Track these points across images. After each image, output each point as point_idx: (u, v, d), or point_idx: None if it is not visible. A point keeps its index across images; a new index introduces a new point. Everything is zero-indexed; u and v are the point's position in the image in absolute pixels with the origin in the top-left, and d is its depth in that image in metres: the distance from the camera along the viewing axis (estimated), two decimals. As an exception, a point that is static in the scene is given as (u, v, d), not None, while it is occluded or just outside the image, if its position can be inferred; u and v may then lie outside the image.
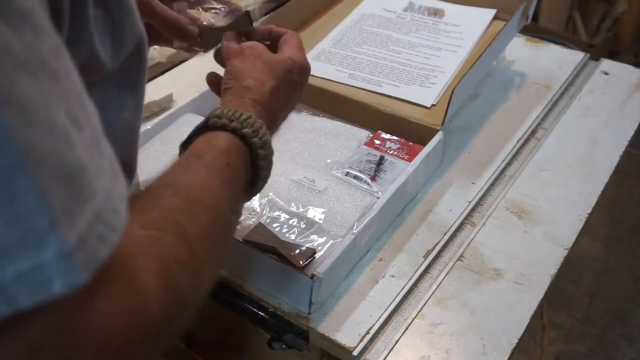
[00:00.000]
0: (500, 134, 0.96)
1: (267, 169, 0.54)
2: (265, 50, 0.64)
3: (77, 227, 0.29)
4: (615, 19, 2.48)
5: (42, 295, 0.28)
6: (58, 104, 0.30)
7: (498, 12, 1.09)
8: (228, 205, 0.48)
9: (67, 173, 0.29)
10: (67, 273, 0.29)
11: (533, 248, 0.79)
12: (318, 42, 1.06)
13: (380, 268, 0.76)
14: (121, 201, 0.33)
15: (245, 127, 0.52)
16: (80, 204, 0.30)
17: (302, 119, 0.94)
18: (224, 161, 0.49)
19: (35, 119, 0.28)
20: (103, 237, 0.31)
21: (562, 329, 1.77)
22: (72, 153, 0.30)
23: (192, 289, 0.40)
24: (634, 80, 1.10)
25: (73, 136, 0.30)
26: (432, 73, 0.99)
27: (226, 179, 0.49)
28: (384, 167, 0.85)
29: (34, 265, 0.28)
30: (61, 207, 0.29)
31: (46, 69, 0.30)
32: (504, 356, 0.68)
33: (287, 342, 0.71)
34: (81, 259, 0.29)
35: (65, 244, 0.28)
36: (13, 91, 0.27)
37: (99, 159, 0.32)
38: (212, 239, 0.44)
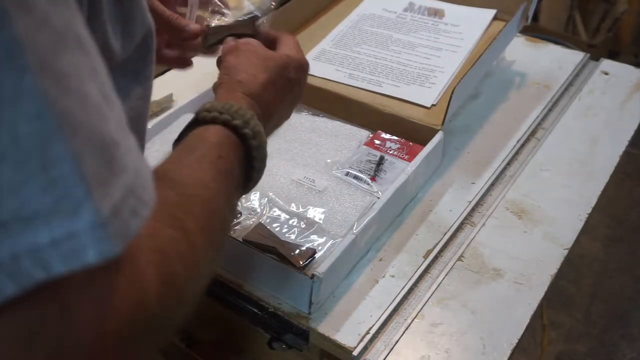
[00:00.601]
0: (500, 134, 0.96)
1: (261, 160, 0.53)
2: (261, 46, 0.64)
3: (111, 198, 0.29)
4: (615, 19, 2.47)
5: (76, 263, 0.28)
6: (91, 78, 0.30)
7: (498, 12, 1.09)
8: (223, 199, 0.47)
9: (101, 144, 0.29)
10: (101, 242, 0.29)
11: (533, 248, 0.79)
12: (318, 42, 1.06)
13: (380, 268, 0.76)
14: (149, 178, 0.33)
15: (236, 118, 0.51)
16: (114, 176, 0.30)
17: (302, 119, 0.94)
18: (215, 154, 0.48)
19: (71, 89, 0.28)
20: (135, 211, 0.31)
21: (562, 329, 1.77)
22: (105, 126, 0.30)
23: (191, 283, 0.40)
24: (634, 80, 1.10)
25: (105, 110, 0.31)
26: (432, 73, 0.99)
27: (219, 171, 0.48)
28: (384, 167, 0.85)
29: (69, 232, 0.28)
30: (96, 177, 0.29)
31: (80, 45, 0.30)
32: (504, 356, 0.68)
33: (287, 342, 0.71)
34: (114, 230, 0.29)
35: (99, 213, 0.29)
36: (50, 60, 0.28)
37: (128, 138, 0.33)
38: (209, 233, 0.44)
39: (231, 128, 0.51)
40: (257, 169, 0.53)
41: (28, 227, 0.28)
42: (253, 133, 0.51)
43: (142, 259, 0.35)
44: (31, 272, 0.28)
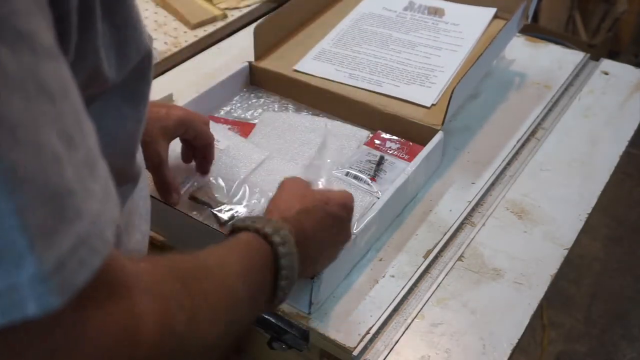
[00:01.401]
0: (500, 134, 0.96)
1: (289, 269, 0.53)
2: (305, 182, 0.67)
3: (56, 249, 0.29)
4: (615, 19, 2.47)
5: (16, 315, 0.28)
6: (50, 125, 0.30)
7: (498, 11, 1.09)
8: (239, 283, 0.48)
9: (51, 195, 0.29)
10: (42, 296, 0.28)
11: (533, 248, 0.79)
12: (318, 42, 1.06)
13: (380, 268, 0.76)
14: (109, 225, 0.33)
15: (267, 226, 0.53)
16: (63, 227, 0.29)
17: (302, 119, 0.94)
18: (243, 250, 0.51)
19: (22, 140, 0.28)
20: (84, 261, 0.30)
21: (562, 329, 1.77)
22: (59, 175, 0.30)
23: (191, 334, 0.40)
24: (634, 80, 1.10)
25: (63, 158, 0.30)
26: (432, 73, 0.99)
27: (243, 265, 0.50)
28: (384, 167, 0.85)
29: (9, 285, 0.28)
30: (41, 229, 0.28)
31: (42, 90, 0.30)
32: (504, 356, 0.68)
33: (287, 342, 0.71)
34: (58, 282, 0.29)
35: (42, 266, 0.28)
36: (1, 111, 0.27)
37: (91, 181, 0.32)
38: (216, 306, 0.44)
39: (262, 236, 0.53)
40: (284, 277, 0.53)
41: None
42: (282, 239, 0.53)
43: (141, 292, 0.35)
44: None
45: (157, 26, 1.23)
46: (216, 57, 1.13)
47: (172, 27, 1.23)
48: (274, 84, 1.00)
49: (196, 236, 0.73)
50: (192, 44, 1.18)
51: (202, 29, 1.22)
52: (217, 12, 1.26)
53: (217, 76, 1.00)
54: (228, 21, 1.25)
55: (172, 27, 1.23)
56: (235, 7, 1.29)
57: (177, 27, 1.23)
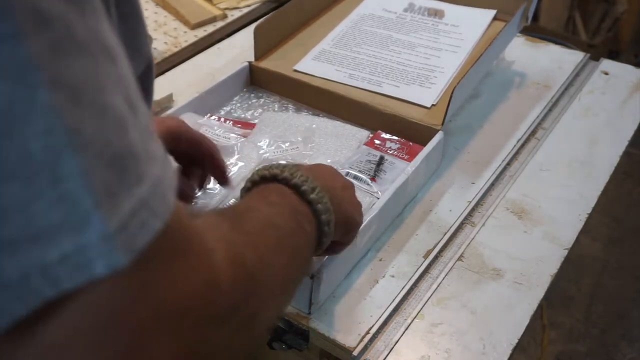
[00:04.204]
0: (500, 134, 0.96)
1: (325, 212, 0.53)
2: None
3: (120, 211, 0.29)
4: (615, 19, 2.47)
5: (84, 277, 0.28)
6: (115, 87, 0.30)
7: (498, 12, 1.09)
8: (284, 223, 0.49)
9: (115, 157, 0.29)
10: (109, 255, 0.29)
11: (533, 248, 0.79)
12: (318, 42, 1.06)
13: (380, 268, 0.76)
14: (170, 188, 0.33)
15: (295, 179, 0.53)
16: (126, 189, 0.30)
17: (302, 119, 0.94)
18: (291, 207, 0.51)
19: (86, 101, 0.28)
20: (145, 223, 0.30)
21: (562, 329, 1.77)
22: (124, 137, 0.30)
23: (262, 269, 0.41)
24: (634, 80, 1.10)
25: (128, 120, 0.30)
26: (432, 73, 0.99)
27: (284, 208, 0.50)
28: (384, 167, 0.85)
29: (77, 246, 0.28)
30: (105, 191, 0.29)
31: (106, 52, 0.30)
32: (504, 356, 0.68)
33: (287, 342, 0.71)
34: (122, 242, 0.29)
35: (107, 226, 0.28)
36: (67, 73, 0.28)
37: (152, 145, 0.32)
38: (272, 240, 0.45)
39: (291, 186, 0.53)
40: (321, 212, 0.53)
41: (37, 245, 0.27)
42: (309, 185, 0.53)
43: (209, 244, 0.36)
44: (40, 290, 0.28)
45: (157, 26, 1.23)
46: (216, 57, 1.13)
47: (172, 27, 1.23)
48: (274, 84, 1.00)
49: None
50: (192, 44, 1.18)
51: (202, 29, 1.22)
52: (217, 12, 1.26)
53: (217, 76, 1.00)
54: (228, 21, 1.25)
55: (172, 27, 1.23)
56: (235, 7, 1.29)
57: (177, 27, 1.23)
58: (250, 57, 1.01)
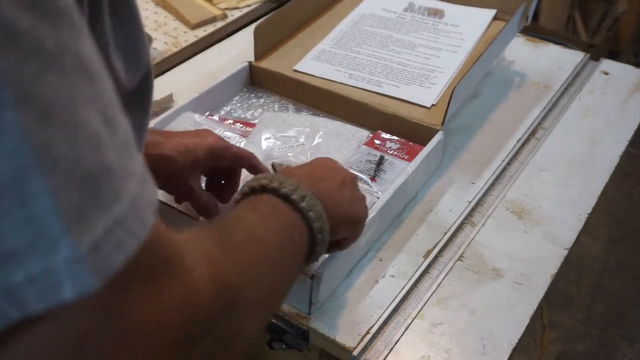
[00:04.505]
0: (500, 134, 0.96)
1: (318, 219, 0.53)
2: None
3: (92, 232, 0.28)
4: (615, 19, 2.47)
5: (52, 300, 0.28)
6: (89, 104, 0.29)
7: (498, 12, 1.09)
8: (279, 245, 0.49)
9: (87, 176, 0.29)
10: (78, 278, 0.28)
11: (533, 248, 0.79)
12: (318, 42, 1.06)
13: (380, 268, 0.76)
14: (148, 207, 0.32)
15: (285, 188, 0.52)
16: (99, 209, 0.29)
17: (302, 119, 0.94)
18: (279, 219, 0.51)
19: (57, 119, 0.28)
20: (121, 243, 0.30)
21: (562, 329, 1.77)
22: (97, 156, 0.29)
23: (243, 286, 0.40)
24: (634, 80, 1.10)
25: (103, 138, 0.30)
26: (432, 73, 0.99)
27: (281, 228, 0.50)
28: (384, 167, 0.85)
29: (45, 269, 0.27)
30: (76, 212, 0.28)
31: (81, 68, 0.29)
32: (504, 356, 0.68)
33: (287, 342, 0.71)
34: (93, 264, 0.28)
35: (77, 248, 0.28)
36: (35, 90, 0.27)
37: (130, 163, 0.31)
38: (259, 255, 0.45)
39: (281, 196, 0.52)
40: (314, 219, 0.52)
41: (2, 266, 0.27)
42: (300, 194, 0.52)
43: (190, 262, 0.35)
44: (4, 312, 0.28)
45: (157, 26, 1.23)
46: (216, 57, 1.13)
47: (172, 27, 1.23)
48: (274, 84, 1.00)
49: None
50: (192, 44, 1.18)
51: (202, 29, 1.22)
52: (217, 12, 1.26)
53: (217, 76, 1.00)
54: (228, 21, 1.25)
55: (172, 27, 1.23)
56: (235, 7, 1.29)
57: (177, 27, 1.23)
58: (250, 57, 1.01)
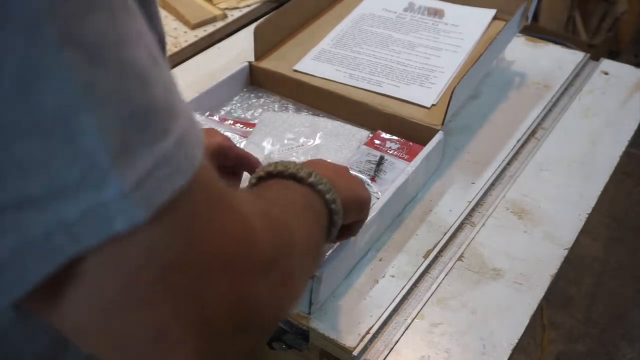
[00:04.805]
0: (500, 134, 0.96)
1: (333, 202, 0.54)
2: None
3: (139, 167, 0.29)
4: (615, 19, 2.47)
5: (104, 234, 0.29)
6: (137, 41, 0.30)
7: (498, 12, 1.09)
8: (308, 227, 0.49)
9: (136, 113, 0.29)
10: (128, 211, 0.29)
11: (533, 248, 0.79)
12: (318, 42, 1.06)
13: (380, 268, 0.76)
14: (197, 144, 0.33)
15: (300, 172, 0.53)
16: (146, 145, 0.29)
17: (302, 119, 0.94)
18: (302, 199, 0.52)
19: (104, 56, 0.28)
20: (168, 179, 0.30)
21: (562, 329, 1.77)
22: (146, 92, 0.30)
23: (290, 230, 0.42)
24: (634, 80, 1.10)
25: (151, 75, 0.30)
26: (432, 73, 0.99)
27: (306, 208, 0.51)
28: (383, 167, 0.85)
29: (96, 203, 0.28)
30: (123, 147, 0.28)
31: (125, 6, 0.30)
32: (504, 356, 0.68)
33: (287, 342, 0.71)
34: (141, 198, 0.29)
35: (125, 183, 0.28)
36: (81, 29, 0.27)
37: (177, 101, 0.32)
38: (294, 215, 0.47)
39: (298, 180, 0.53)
40: (330, 200, 0.53)
41: (57, 202, 0.28)
42: (331, 196, 0.53)
43: (236, 200, 0.36)
44: (63, 248, 0.28)
45: (157, 26, 1.23)
46: (216, 57, 1.13)
47: (172, 27, 1.23)
48: (274, 84, 1.00)
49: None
50: (192, 44, 1.18)
51: (202, 29, 1.22)
52: (217, 12, 1.26)
53: (217, 76, 1.00)
54: (228, 21, 1.25)
55: (172, 27, 1.23)
56: (235, 7, 1.29)
57: (177, 27, 1.23)
58: (250, 57, 1.01)
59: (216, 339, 0.33)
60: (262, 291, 0.36)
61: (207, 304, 0.32)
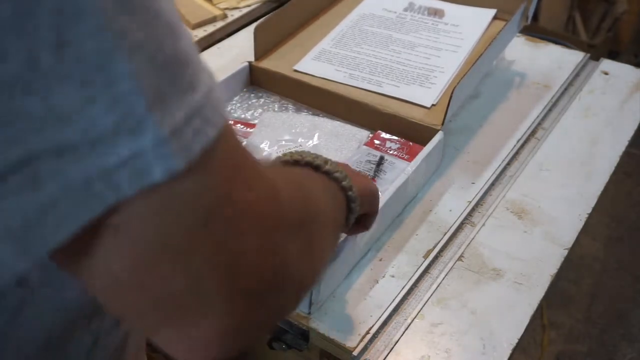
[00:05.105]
0: (500, 134, 0.96)
1: (353, 199, 0.54)
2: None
3: (173, 116, 0.29)
4: (615, 19, 2.48)
5: (144, 182, 0.28)
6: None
7: (498, 12, 1.09)
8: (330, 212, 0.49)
9: (167, 62, 0.29)
10: (164, 160, 0.29)
11: (533, 248, 0.79)
12: (318, 42, 1.06)
13: (380, 268, 0.76)
14: (221, 101, 0.33)
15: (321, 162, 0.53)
16: (179, 95, 0.30)
17: (302, 119, 0.94)
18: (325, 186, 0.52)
19: (135, 5, 0.28)
20: (200, 130, 0.30)
21: (562, 329, 1.77)
22: (176, 43, 0.30)
23: (310, 200, 0.43)
24: (634, 80, 1.10)
25: (178, 28, 0.30)
26: (432, 73, 0.99)
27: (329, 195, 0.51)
28: (383, 168, 0.85)
29: (134, 151, 0.28)
30: (158, 95, 0.29)
31: None
32: (504, 356, 0.68)
33: (287, 342, 0.71)
34: (177, 146, 0.29)
35: (161, 131, 0.28)
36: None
37: (201, 59, 0.32)
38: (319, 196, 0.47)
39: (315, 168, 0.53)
40: (352, 201, 0.54)
41: (96, 149, 0.28)
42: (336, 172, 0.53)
43: (269, 173, 0.36)
44: (102, 196, 0.28)
45: (157, 26, 1.23)
46: (216, 57, 1.13)
47: (172, 27, 1.23)
48: (274, 84, 1.00)
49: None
50: (192, 44, 1.18)
51: (202, 29, 1.22)
52: (217, 12, 1.26)
53: (217, 76, 0.99)
54: (228, 21, 1.25)
55: (172, 27, 1.23)
56: (235, 7, 1.29)
57: (177, 27, 1.23)
58: (250, 57, 1.01)
59: (247, 295, 0.33)
60: (291, 251, 0.36)
61: (239, 255, 0.33)
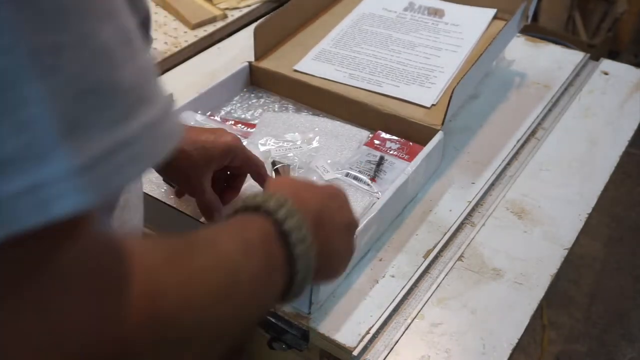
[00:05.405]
0: (500, 134, 0.96)
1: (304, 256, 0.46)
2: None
3: (90, 148, 0.27)
4: (615, 19, 2.47)
5: (44, 216, 0.26)
6: (104, 19, 0.28)
7: (498, 12, 1.09)
8: (242, 263, 0.42)
9: (92, 90, 0.27)
10: (73, 193, 0.26)
11: (533, 248, 0.79)
12: (318, 42, 1.06)
13: (380, 268, 0.76)
14: (168, 139, 0.30)
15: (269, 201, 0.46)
16: (101, 126, 0.27)
17: (302, 118, 0.94)
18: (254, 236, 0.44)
19: (61, 24, 0.26)
20: (124, 167, 0.28)
21: (562, 329, 1.77)
22: (107, 71, 0.28)
23: (182, 314, 0.36)
24: (634, 80, 1.10)
25: (116, 55, 0.28)
26: (432, 73, 0.99)
27: (246, 244, 0.43)
28: (383, 168, 0.85)
29: (37, 180, 0.26)
30: (74, 124, 0.26)
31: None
32: (504, 356, 0.68)
33: (287, 342, 0.71)
34: (89, 182, 0.27)
35: (71, 162, 0.26)
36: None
37: (151, 89, 0.30)
38: (211, 282, 0.39)
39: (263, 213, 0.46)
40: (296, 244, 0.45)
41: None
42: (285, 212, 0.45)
43: (131, 270, 0.32)
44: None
45: (157, 26, 1.23)
46: (216, 57, 1.13)
47: (172, 27, 1.23)
48: (274, 84, 1.00)
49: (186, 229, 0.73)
50: (192, 44, 1.19)
51: (202, 29, 1.22)
52: (217, 12, 1.26)
53: (217, 76, 1.00)
54: (228, 21, 1.25)
55: (172, 27, 1.23)
56: (235, 7, 1.30)
57: (177, 27, 1.23)
58: (250, 57, 1.01)
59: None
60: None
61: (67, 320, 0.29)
